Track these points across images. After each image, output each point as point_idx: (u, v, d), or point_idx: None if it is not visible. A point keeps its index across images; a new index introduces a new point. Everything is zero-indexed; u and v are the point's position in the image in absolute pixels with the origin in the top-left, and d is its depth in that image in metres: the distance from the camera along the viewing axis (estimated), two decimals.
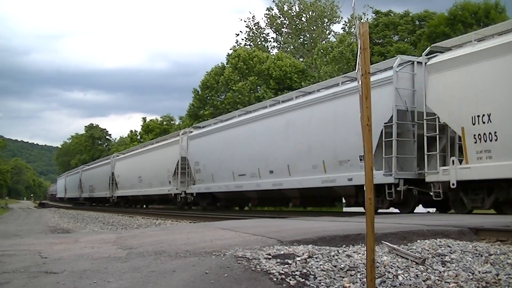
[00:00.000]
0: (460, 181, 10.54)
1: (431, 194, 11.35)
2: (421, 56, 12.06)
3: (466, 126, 10.33)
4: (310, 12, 48.04)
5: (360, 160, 12.46)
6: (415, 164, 11.86)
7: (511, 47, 9.67)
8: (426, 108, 11.39)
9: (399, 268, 4.21)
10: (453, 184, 10.60)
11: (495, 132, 9.78)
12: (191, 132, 23.82)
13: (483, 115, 10.00)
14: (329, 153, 13.98)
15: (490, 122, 9.89)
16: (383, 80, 12.22)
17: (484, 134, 9.98)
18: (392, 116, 11.78)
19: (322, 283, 3.80)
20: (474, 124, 10.18)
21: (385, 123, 11.87)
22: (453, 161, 10.70)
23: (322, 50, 38.01)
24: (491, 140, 9.86)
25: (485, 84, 10.09)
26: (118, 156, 37.38)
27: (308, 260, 4.26)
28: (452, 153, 11.37)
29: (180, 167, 23.57)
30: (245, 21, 52.62)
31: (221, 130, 20.67)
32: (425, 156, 11.52)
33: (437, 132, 11.17)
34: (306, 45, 48.51)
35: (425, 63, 11.60)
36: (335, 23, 49.71)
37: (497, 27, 10.95)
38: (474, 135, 10.17)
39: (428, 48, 12.13)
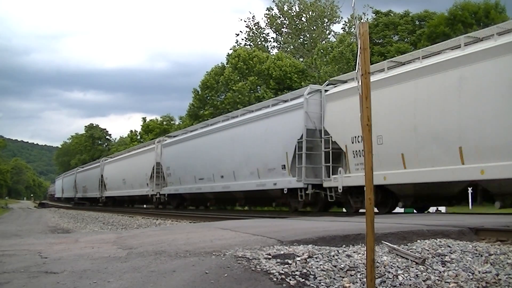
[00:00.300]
0: (345, 187, 13.31)
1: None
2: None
3: (348, 145, 13.21)
4: (310, 12, 48.04)
5: (282, 168, 15.49)
6: (323, 172, 14.19)
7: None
8: (324, 129, 14.21)
9: (399, 268, 4.21)
10: (340, 189, 13.36)
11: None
12: (165, 140, 27.26)
13: (359, 136, 12.59)
14: (261, 162, 16.75)
15: (360, 142, 12.55)
16: (295, 105, 15.15)
17: (359, 150, 12.75)
18: (302, 134, 14.51)
19: (322, 283, 3.80)
20: (353, 143, 13.03)
21: (298, 140, 14.63)
22: (340, 171, 13.47)
23: (322, 50, 38.01)
24: (362, 156, 12.17)
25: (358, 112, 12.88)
26: (106, 159, 40.77)
27: (308, 260, 4.26)
28: (340, 164, 13.91)
29: (155, 171, 26.76)
30: (245, 21, 52.68)
31: (187, 140, 23.74)
32: (323, 167, 14.13)
33: (330, 148, 13.82)
34: (306, 45, 48.51)
35: (324, 93, 14.62)
36: (335, 23, 49.75)
37: (380, 65, 13.04)
38: (353, 151, 13.01)
39: (327, 81, 15.40)
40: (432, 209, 15.00)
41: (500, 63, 9.50)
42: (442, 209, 18.69)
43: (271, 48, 50.71)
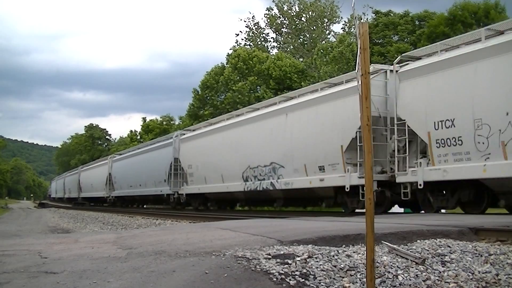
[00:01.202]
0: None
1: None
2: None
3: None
4: (310, 12, 48.02)
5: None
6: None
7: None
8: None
9: (399, 268, 4.21)
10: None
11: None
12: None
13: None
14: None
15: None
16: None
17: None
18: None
19: (322, 283, 3.80)
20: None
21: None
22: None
23: (322, 50, 37.99)
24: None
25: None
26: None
27: (308, 260, 4.26)
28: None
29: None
30: (244, 21, 52.64)
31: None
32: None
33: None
34: (306, 45, 48.49)
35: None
36: (335, 23, 49.71)
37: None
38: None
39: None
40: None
41: None
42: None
43: (271, 48, 50.74)
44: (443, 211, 12.08)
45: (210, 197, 22.65)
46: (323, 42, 44.86)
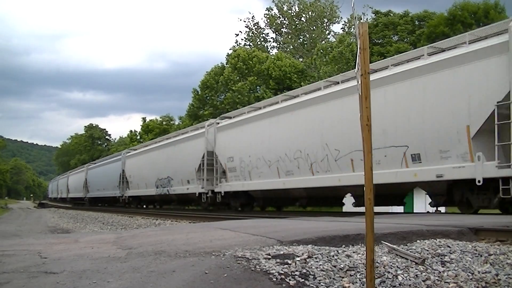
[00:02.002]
0: None
1: None
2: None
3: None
4: (310, 12, 48.07)
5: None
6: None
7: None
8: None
9: (399, 268, 4.21)
10: None
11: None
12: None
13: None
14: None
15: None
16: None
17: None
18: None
19: (321, 283, 3.80)
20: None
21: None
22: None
23: (321, 50, 38.02)
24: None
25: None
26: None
27: (307, 260, 4.26)
28: None
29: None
30: (244, 21, 52.79)
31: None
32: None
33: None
34: (305, 45, 48.51)
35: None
36: (334, 23, 49.82)
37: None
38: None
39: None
40: (431, 209, 14.61)
41: None
42: (442, 209, 18.67)
43: (270, 48, 50.81)
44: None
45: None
46: (323, 42, 44.89)
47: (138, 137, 58.09)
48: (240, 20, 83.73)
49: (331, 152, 14.01)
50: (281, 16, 49.55)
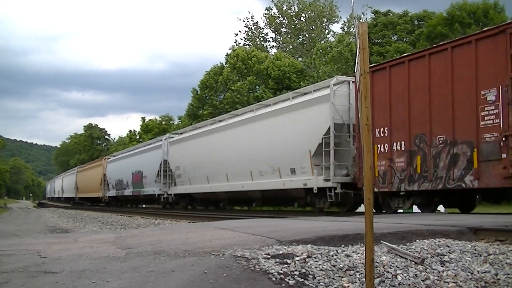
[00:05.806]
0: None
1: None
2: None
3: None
4: (309, 12, 48.05)
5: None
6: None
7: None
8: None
9: (398, 268, 4.21)
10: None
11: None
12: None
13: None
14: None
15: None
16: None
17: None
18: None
19: (321, 283, 3.80)
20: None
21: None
22: None
23: (321, 50, 38.00)
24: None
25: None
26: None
27: (307, 260, 4.26)
28: None
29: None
30: (243, 21, 52.71)
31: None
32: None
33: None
34: (305, 45, 48.50)
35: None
36: (334, 23, 49.79)
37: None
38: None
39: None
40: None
41: None
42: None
43: (270, 48, 50.78)
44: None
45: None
46: (322, 42, 44.87)
47: (138, 137, 58.08)
48: (240, 20, 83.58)
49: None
50: (280, 15, 49.54)
